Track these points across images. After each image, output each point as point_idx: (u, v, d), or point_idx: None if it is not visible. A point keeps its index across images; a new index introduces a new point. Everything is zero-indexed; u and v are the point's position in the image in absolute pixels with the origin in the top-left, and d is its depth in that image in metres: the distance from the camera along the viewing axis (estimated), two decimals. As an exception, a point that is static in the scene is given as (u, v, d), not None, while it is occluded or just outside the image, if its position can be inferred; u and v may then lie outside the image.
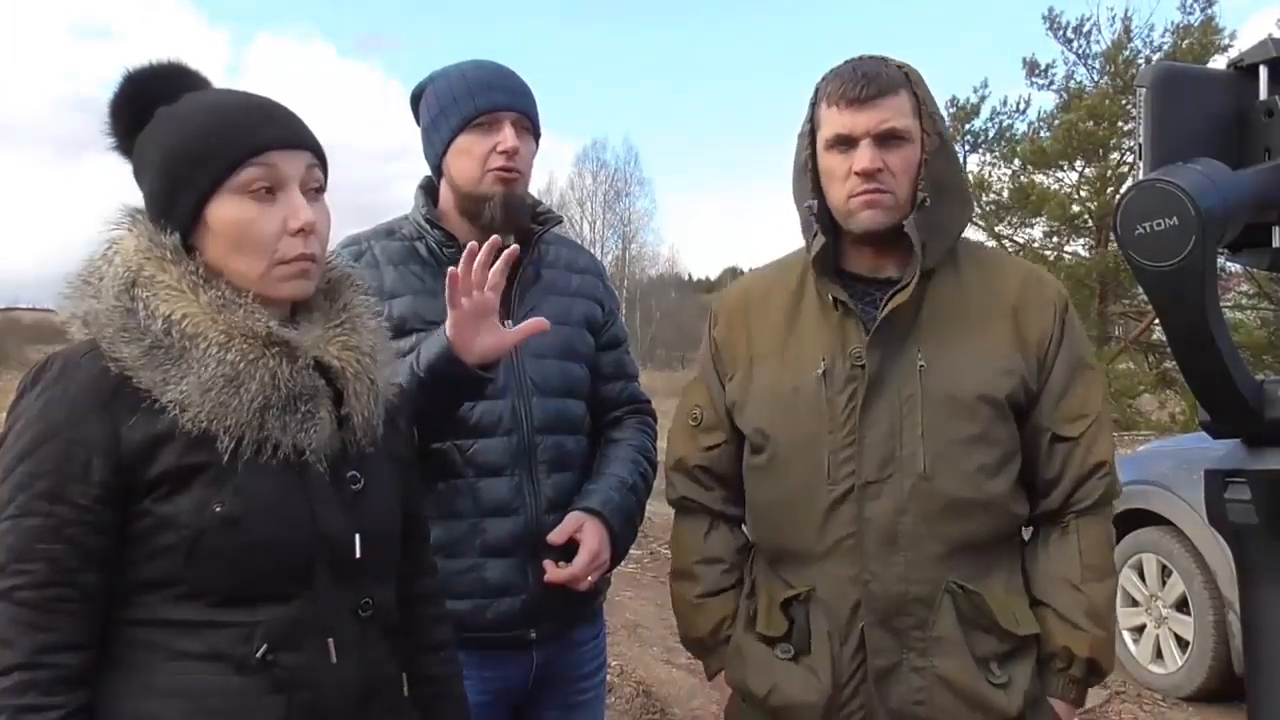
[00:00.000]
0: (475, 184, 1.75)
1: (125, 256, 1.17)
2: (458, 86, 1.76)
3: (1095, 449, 1.54)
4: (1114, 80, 17.41)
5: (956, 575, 1.50)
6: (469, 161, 1.74)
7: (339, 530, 1.20)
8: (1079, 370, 1.57)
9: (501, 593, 1.71)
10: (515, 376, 1.74)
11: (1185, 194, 0.57)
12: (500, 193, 1.74)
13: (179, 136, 1.19)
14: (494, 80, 1.77)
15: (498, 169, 1.73)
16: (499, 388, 1.71)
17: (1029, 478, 1.57)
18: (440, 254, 1.78)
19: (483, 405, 1.71)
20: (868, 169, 1.48)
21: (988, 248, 1.77)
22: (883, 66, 1.52)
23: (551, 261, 1.88)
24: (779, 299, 1.64)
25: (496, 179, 1.74)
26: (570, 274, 1.89)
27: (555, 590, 1.73)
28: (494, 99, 1.74)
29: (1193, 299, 0.59)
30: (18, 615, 1.06)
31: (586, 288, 1.90)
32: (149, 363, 1.12)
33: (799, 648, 1.56)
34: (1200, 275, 0.58)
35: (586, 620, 1.88)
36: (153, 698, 1.11)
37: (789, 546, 1.58)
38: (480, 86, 1.75)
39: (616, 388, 1.92)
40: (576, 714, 1.87)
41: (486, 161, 1.73)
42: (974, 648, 1.50)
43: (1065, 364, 1.56)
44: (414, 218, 1.83)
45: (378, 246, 1.79)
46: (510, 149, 1.73)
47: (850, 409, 1.53)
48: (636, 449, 1.88)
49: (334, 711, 1.18)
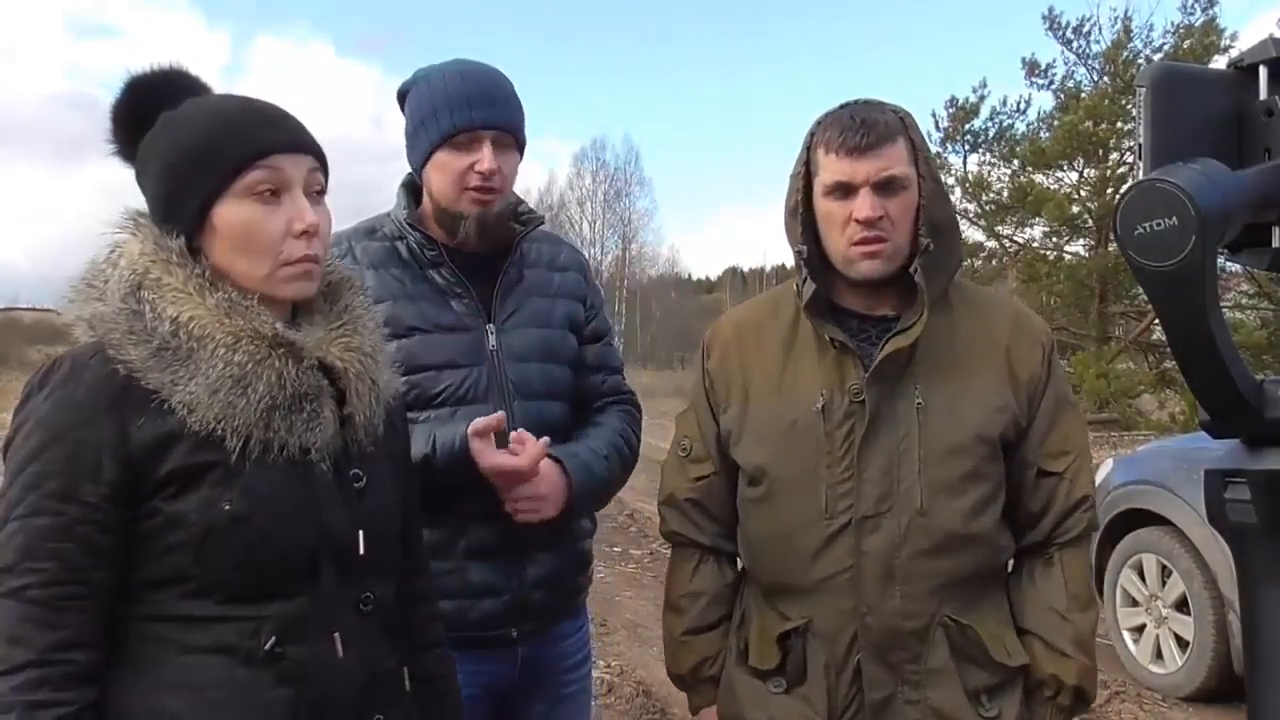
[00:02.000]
0: (452, 201, 1.73)
1: (130, 259, 1.18)
2: (438, 97, 1.72)
3: (1078, 484, 1.58)
4: (1114, 80, 17.40)
5: (949, 609, 1.53)
6: (446, 178, 1.72)
7: (343, 527, 1.22)
8: (1063, 408, 1.60)
9: (484, 594, 1.72)
10: (497, 380, 1.74)
11: (1185, 194, 0.57)
12: (475, 213, 1.73)
13: (184, 140, 1.20)
14: (474, 94, 1.71)
15: (474, 189, 1.71)
16: (481, 391, 1.72)
17: (1012, 511, 1.60)
18: (421, 255, 1.77)
19: (464, 410, 1.70)
20: (870, 217, 1.49)
21: (976, 287, 1.79)
22: (880, 113, 1.53)
23: (534, 261, 1.87)
24: (774, 332, 1.65)
25: (473, 200, 1.72)
26: (552, 273, 1.88)
27: (537, 591, 1.75)
28: (472, 117, 1.70)
29: (1193, 299, 0.59)
30: (29, 613, 1.07)
31: (568, 286, 1.89)
32: (157, 364, 1.14)
33: (792, 680, 1.58)
34: (1200, 275, 0.58)
35: (569, 615, 1.88)
36: (162, 692, 1.12)
37: (785, 579, 1.59)
38: (459, 101, 1.70)
39: (599, 379, 1.91)
40: (563, 706, 1.88)
41: (463, 180, 1.71)
42: (966, 681, 1.53)
43: (1051, 402, 1.59)
44: (396, 216, 1.81)
45: (359, 247, 1.78)
46: (487, 170, 1.70)
47: (849, 444, 1.54)
48: (615, 430, 1.87)
49: (340, 704, 1.20)
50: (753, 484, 1.62)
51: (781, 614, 1.60)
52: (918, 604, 1.51)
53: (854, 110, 1.54)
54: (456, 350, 1.73)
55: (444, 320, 1.74)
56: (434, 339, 1.72)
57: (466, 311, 1.76)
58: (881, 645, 1.52)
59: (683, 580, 1.72)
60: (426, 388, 1.70)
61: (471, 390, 1.72)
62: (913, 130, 1.56)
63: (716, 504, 1.69)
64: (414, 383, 1.68)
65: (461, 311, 1.76)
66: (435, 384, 1.70)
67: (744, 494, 1.65)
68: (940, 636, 1.53)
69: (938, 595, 1.52)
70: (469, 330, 1.75)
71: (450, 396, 1.71)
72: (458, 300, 1.76)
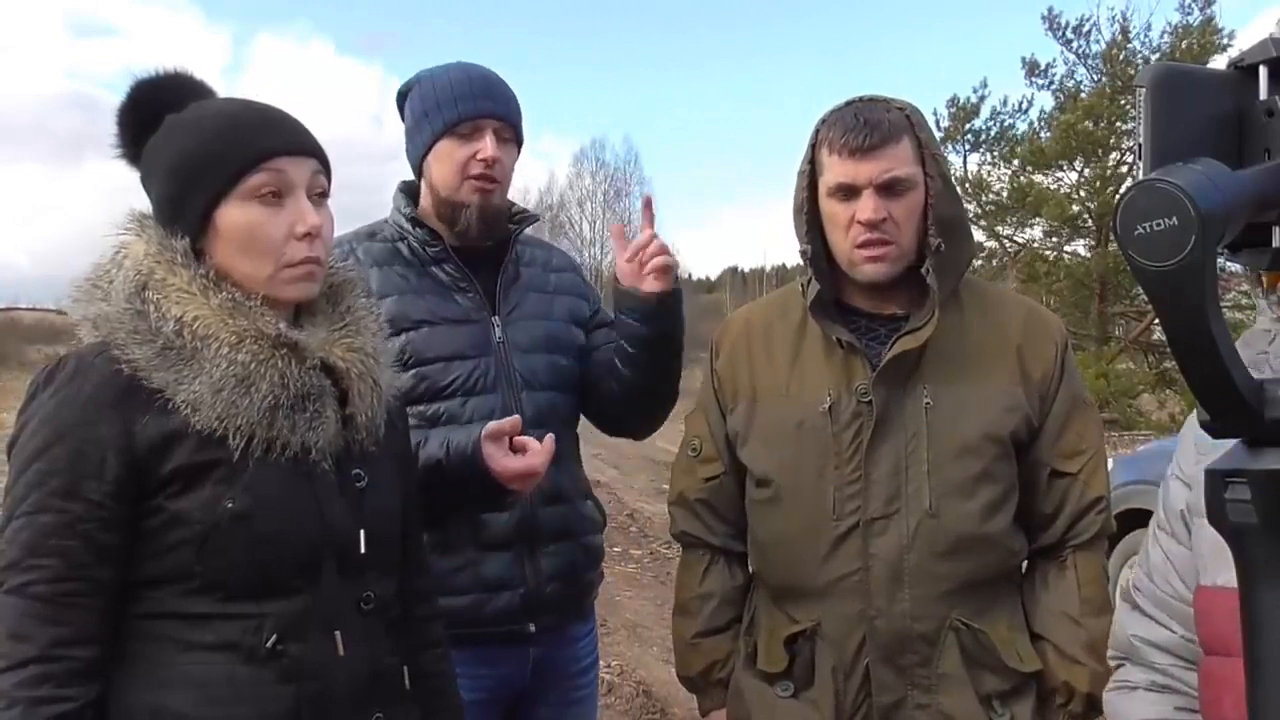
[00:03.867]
0: (453, 191, 1.76)
1: (135, 260, 1.20)
2: (442, 91, 1.76)
3: (1092, 484, 1.55)
4: (1112, 80, 17.41)
5: (960, 612, 1.51)
6: (448, 167, 1.75)
7: (345, 526, 1.23)
8: (1077, 407, 1.57)
9: (500, 587, 1.72)
10: (504, 372, 1.76)
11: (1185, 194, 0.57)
12: (477, 202, 1.75)
13: (189, 143, 1.21)
14: (478, 87, 1.77)
15: (476, 177, 1.74)
16: (489, 382, 1.73)
17: (1025, 512, 1.57)
18: (423, 253, 1.79)
19: (474, 401, 1.72)
20: (872, 219, 1.47)
21: (988, 285, 1.76)
22: (884, 112, 1.50)
23: (529, 261, 1.90)
24: (782, 332, 1.63)
25: (474, 188, 1.75)
26: (548, 273, 1.91)
27: (551, 584, 1.75)
28: (477, 106, 1.75)
29: (1193, 299, 0.59)
30: (32, 609, 1.08)
31: (566, 285, 1.92)
32: (161, 363, 1.15)
33: (799, 684, 1.56)
34: (1200, 275, 0.58)
35: (582, 617, 1.89)
36: (164, 689, 1.13)
37: (793, 582, 1.57)
38: (464, 93, 1.75)
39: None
40: (571, 711, 1.88)
41: (465, 169, 1.74)
42: (978, 686, 1.50)
43: (1065, 401, 1.56)
44: (394, 220, 1.83)
45: (360, 249, 1.80)
46: (489, 158, 1.73)
47: (856, 445, 1.52)
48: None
49: (341, 702, 1.20)
50: (760, 485, 1.61)
51: (790, 617, 1.58)
52: (927, 607, 1.49)
53: (858, 109, 1.51)
54: (464, 342, 1.74)
55: (450, 313, 1.76)
56: (441, 331, 1.74)
57: (471, 305, 1.78)
58: (890, 649, 1.50)
59: (693, 582, 1.71)
60: (435, 380, 1.71)
61: (480, 381, 1.73)
62: (919, 128, 1.52)
63: (726, 504, 1.68)
64: (422, 375, 1.70)
65: (466, 305, 1.77)
66: (444, 376, 1.72)
67: (752, 495, 1.63)
68: (951, 640, 1.50)
69: (948, 598, 1.50)
70: (475, 323, 1.77)
71: (459, 388, 1.72)
72: (462, 294, 1.78)
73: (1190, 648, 1.05)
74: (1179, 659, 1.08)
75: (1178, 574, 1.08)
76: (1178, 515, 1.09)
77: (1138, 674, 1.12)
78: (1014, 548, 1.56)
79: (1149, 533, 1.15)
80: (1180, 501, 1.08)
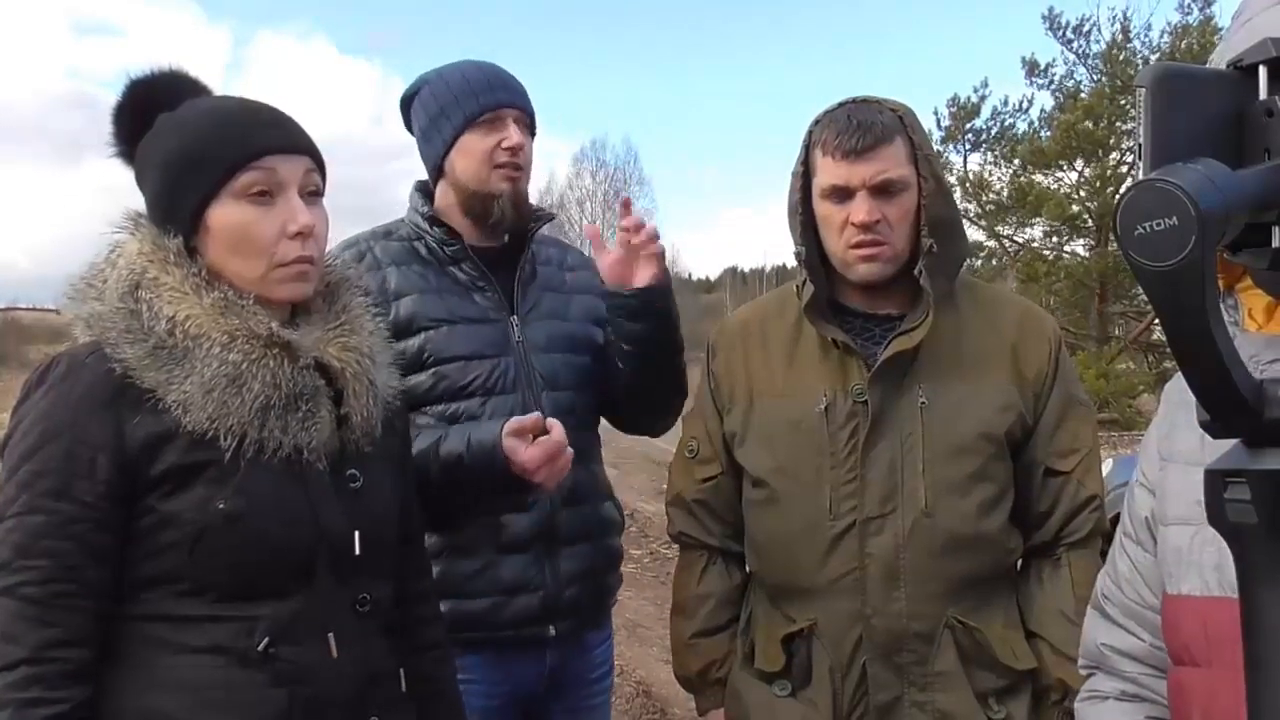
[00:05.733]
0: (483, 182, 1.75)
1: (129, 259, 1.19)
2: (458, 87, 1.76)
3: (1086, 483, 1.56)
4: (1113, 80, 17.42)
5: (956, 611, 1.51)
6: (475, 159, 1.75)
7: (339, 528, 1.22)
8: (1071, 406, 1.58)
9: (519, 589, 1.71)
10: (524, 372, 1.75)
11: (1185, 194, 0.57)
12: (508, 190, 1.75)
13: (180, 142, 1.21)
14: (494, 79, 1.78)
15: (503, 165, 1.74)
16: (509, 381, 1.72)
17: (1020, 511, 1.58)
18: (441, 252, 1.78)
19: (493, 400, 1.71)
20: (865, 221, 1.48)
21: (983, 284, 1.77)
22: (877, 114, 1.50)
23: (545, 260, 1.90)
24: (778, 332, 1.64)
25: (504, 176, 1.75)
26: (563, 272, 1.91)
27: (570, 587, 1.74)
28: (497, 97, 1.75)
29: (1193, 299, 0.59)
30: (23, 611, 1.07)
31: (582, 283, 1.91)
32: (153, 363, 1.14)
33: (797, 683, 1.57)
34: (1200, 275, 0.57)
35: (598, 624, 1.88)
36: (156, 691, 1.12)
37: (790, 581, 1.58)
38: (481, 86, 1.76)
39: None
40: (585, 718, 1.87)
41: (492, 158, 1.74)
42: (974, 683, 1.51)
43: (1059, 400, 1.57)
44: (411, 219, 1.83)
45: (378, 247, 1.79)
46: (515, 145, 1.74)
47: (852, 445, 1.53)
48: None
49: (334, 705, 1.19)
50: (757, 486, 1.61)
51: (787, 616, 1.59)
52: (923, 605, 1.50)
53: (851, 110, 1.52)
54: (483, 341, 1.74)
55: (469, 313, 1.75)
56: (460, 330, 1.73)
57: (490, 304, 1.77)
58: (887, 647, 1.51)
59: (691, 582, 1.71)
60: (455, 379, 1.70)
61: (500, 380, 1.72)
62: (912, 129, 1.53)
63: (724, 505, 1.68)
64: (442, 374, 1.69)
65: (485, 304, 1.77)
66: (464, 375, 1.71)
67: (749, 496, 1.64)
68: (948, 639, 1.51)
69: (944, 597, 1.51)
70: (494, 322, 1.76)
71: (479, 387, 1.71)
72: (480, 294, 1.77)
73: (1160, 656, 1.05)
74: (1149, 668, 1.08)
75: (1145, 582, 1.08)
76: (1143, 522, 1.08)
77: (1108, 683, 1.12)
78: (1009, 546, 1.57)
79: (1115, 541, 1.15)
80: (1145, 509, 1.08)
